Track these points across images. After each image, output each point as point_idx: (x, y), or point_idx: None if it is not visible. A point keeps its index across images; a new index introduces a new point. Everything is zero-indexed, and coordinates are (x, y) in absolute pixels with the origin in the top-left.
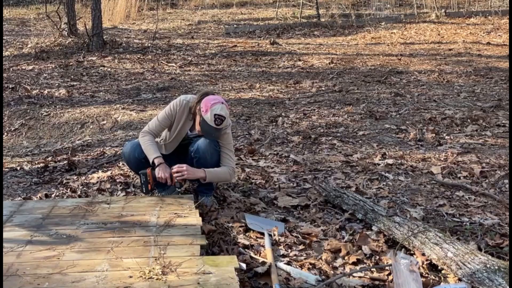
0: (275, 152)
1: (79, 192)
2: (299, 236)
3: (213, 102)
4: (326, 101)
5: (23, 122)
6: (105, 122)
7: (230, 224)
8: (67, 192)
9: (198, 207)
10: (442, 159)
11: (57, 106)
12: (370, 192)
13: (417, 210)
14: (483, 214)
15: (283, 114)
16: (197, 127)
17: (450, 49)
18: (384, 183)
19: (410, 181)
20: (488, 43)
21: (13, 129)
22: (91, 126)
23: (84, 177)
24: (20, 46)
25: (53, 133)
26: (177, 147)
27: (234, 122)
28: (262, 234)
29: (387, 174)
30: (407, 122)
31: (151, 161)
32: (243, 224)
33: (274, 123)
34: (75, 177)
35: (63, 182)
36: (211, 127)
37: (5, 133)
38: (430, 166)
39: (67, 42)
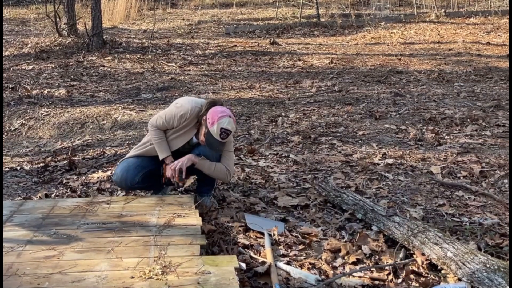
0: (275, 152)
1: (79, 192)
2: (299, 236)
3: (220, 115)
4: (326, 101)
5: (23, 122)
6: (105, 122)
7: (230, 224)
8: (67, 192)
9: (198, 207)
10: (442, 159)
11: (57, 106)
12: (370, 192)
13: (416, 210)
14: (482, 214)
15: (283, 114)
16: (201, 137)
17: (450, 49)
18: (384, 183)
19: (410, 181)
20: (488, 43)
21: (13, 128)
22: (91, 126)
23: (84, 177)
24: (20, 46)
25: (53, 133)
26: (178, 153)
27: None
28: (262, 234)
29: (386, 174)
30: (407, 122)
31: (161, 159)
32: (243, 224)
33: (274, 123)
34: (75, 177)
35: (63, 182)
36: (216, 141)
37: (5, 133)
38: (430, 166)
39: (67, 42)
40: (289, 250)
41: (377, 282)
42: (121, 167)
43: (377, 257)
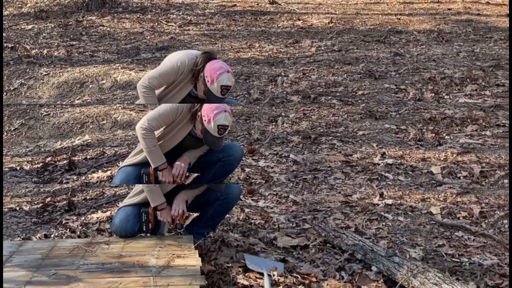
0: (275, 152)
1: (78, 232)
2: (299, 276)
3: (216, 111)
4: (325, 61)
5: (23, 122)
6: (104, 122)
7: (230, 264)
8: (66, 232)
9: (198, 247)
10: (442, 159)
11: (56, 66)
12: (369, 232)
13: (416, 250)
14: (482, 254)
15: (282, 73)
16: (199, 133)
17: (449, 9)
18: (384, 223)
19: (409, 222)
20: (487, 3)
21: (13, 128)
22: (90, 126)
23: (83, 217)
24: (20, 5)
25: (53, 133)
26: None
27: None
28: (262, 274)
29: (386, 215)
30: (407, 81)
31: (155, 167)
32: (242, 264)
33: (273, 83)
34: (74, 217)
35: (63, 222)
36: (215, 137)
37: (5, 133)
38: (430, 166)
39: (66, 1)
40: None
41: None
42: (119, 218)
43: None
